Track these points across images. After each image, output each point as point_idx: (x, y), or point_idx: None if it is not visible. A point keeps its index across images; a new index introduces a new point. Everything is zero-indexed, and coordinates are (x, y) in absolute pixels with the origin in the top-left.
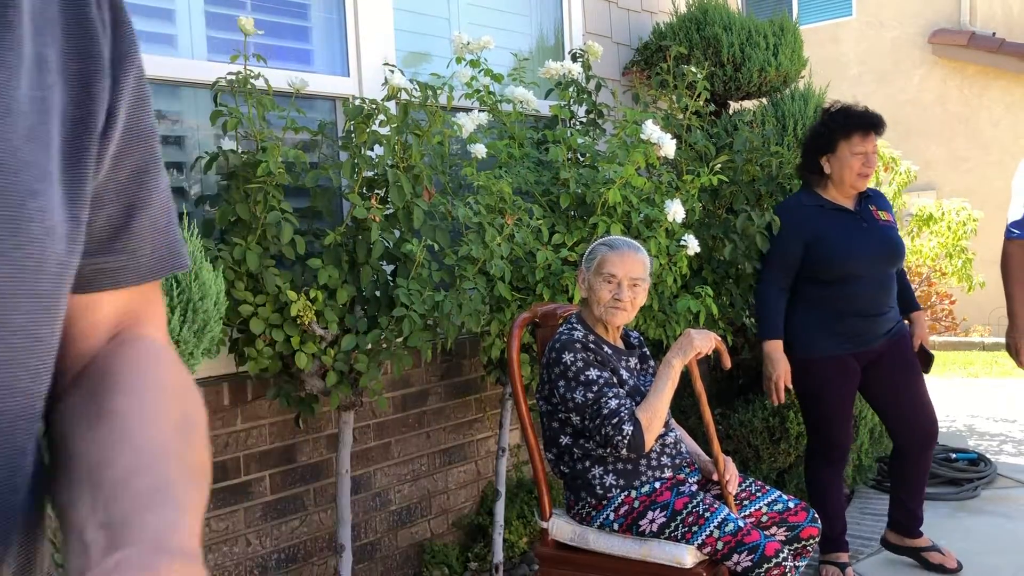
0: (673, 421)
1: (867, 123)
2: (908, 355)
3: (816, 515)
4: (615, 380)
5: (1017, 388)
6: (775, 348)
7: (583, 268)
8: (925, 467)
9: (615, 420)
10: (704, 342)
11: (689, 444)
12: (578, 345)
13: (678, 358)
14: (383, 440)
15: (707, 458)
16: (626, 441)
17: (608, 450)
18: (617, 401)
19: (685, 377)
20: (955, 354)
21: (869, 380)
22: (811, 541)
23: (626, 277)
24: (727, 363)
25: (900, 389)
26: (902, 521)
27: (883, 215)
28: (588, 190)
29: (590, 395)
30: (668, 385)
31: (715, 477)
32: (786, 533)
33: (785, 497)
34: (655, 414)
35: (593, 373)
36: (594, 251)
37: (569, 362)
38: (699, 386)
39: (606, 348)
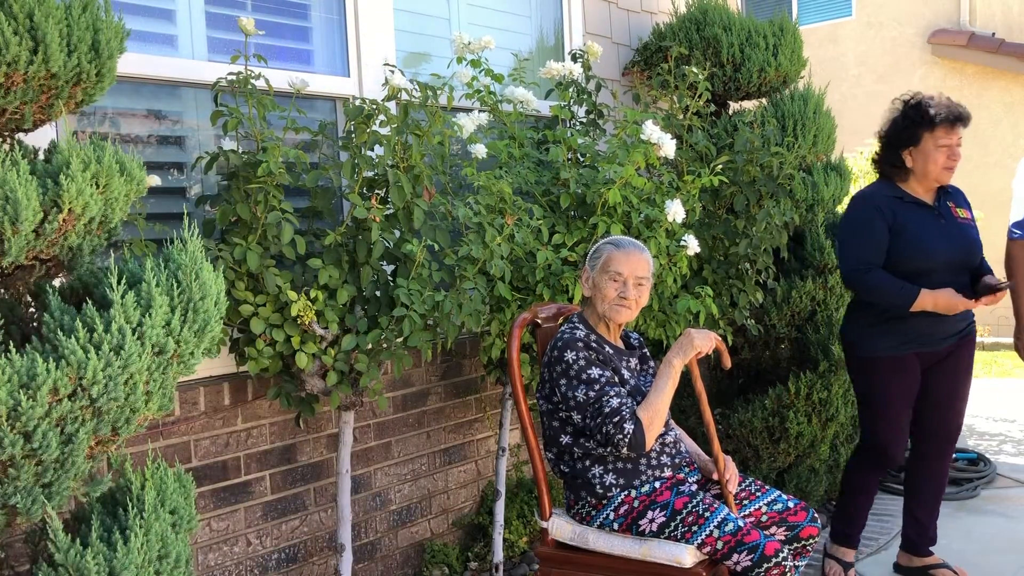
0: (672, 421)
1: (953, 116)
2: (970, 360)
3: (816, 515)
4: (616, 379)
5: (1017, 388)
6: (927, 294)
7: (587, 267)
8: (942, 474)
9: (616, 419)
10: (704, 342)
11: (688, 444)
12: (580, 344)
13: (678, 358)
14: (383, 440)
15: (707, 457)
16: (627, 440)
17: (609, 449)
18: (619, 400)
19: (685, 377)
20: None
21: (926, 380)
22: (810, 541)
23: (632, 275)
24: (727, 363)
25: (951, 394)
26: (913, 538)
27: (961, 212)
28: (588, 190)
29: (592, 393)
30: (669, 384)
31: (715, 476)
32: (786, 533)
33: (785, 497)
34: (656, 413)
35: (595, 372)
36: (599, 250)
37: (571, 360)
38: (699, 386)
39: (608, 348)
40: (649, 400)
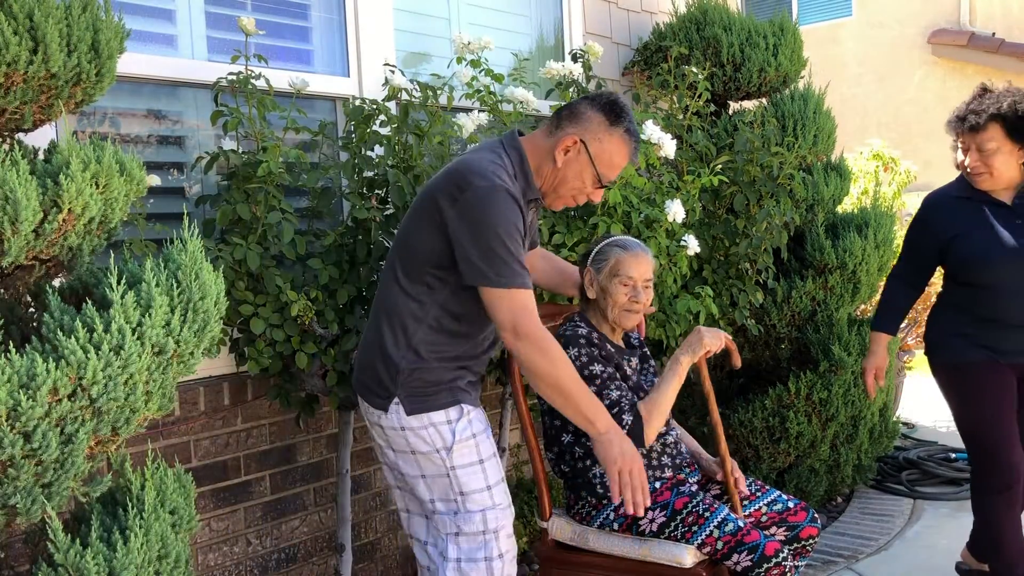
0: (673, 421)
1: (957, 119)
2: None
3: (816, 515)
4: (618, 376)
5: None
6: (874, 339)
7: (590, 269)
8: None
9: (615, 411)
10: (714, 340)
11: (689, 443)
12: (582, 341)
13: (687, 355)
14: None
15: (709, 457)
16: (624, 431)
17: None
18: (618, 393)
19: (684, 381)
20: None
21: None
22: (810, 541)
23: (641, 278)
24: (737, 362)
25: None
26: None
27: None
28: None
29: (592, 388)
30: (674, 381)
31: (719, 477)
32: (786, 533)
33: (785, 497)
34: (656, 407)
35: (597, 368)
36: (604, 252)
37: (573, 357)
38: (708, 385)
39: (609, 346)
40: (651, 395)
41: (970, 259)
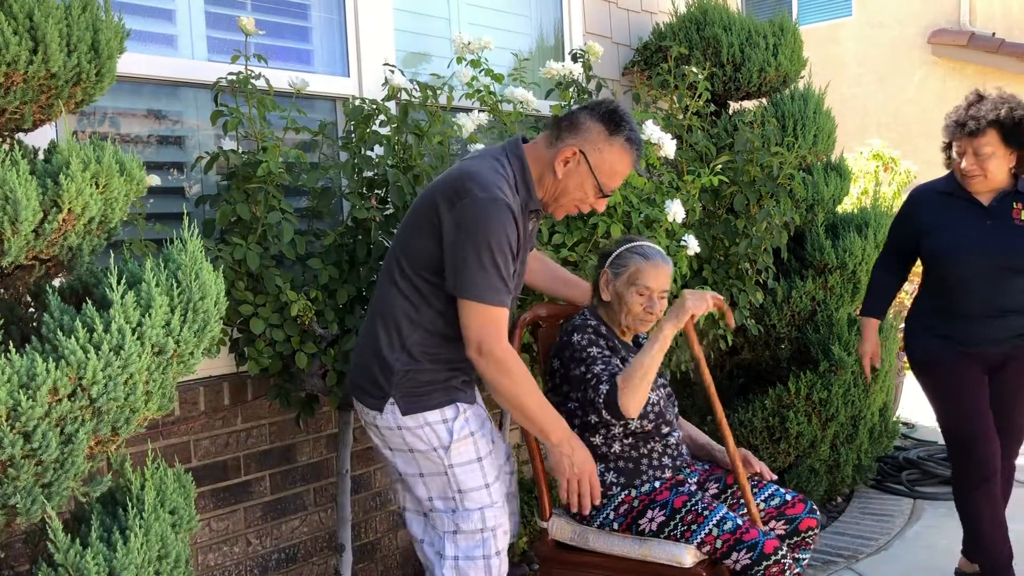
0: (678, 421)
1: (956, 123)
2: None
3: (814, 506)
4: (612, 354)
5: None
6: (864, 325)
7: (607, 272)
8: (1009, 471)
9: (593, 382)
10: (698, 303)
11: (699, 437)
12: (589, 330)
13: (671, 323)
14: None
15: (721, 448)
16: (601, 400)
17: (601, 418)
18: (601, 367)
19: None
20: None
21: (990, 382)
22: (810, 533)
23: (658, 289)
24: (731, 322)
25: (1009, 405)
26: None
27: None
28: None
29: (583, 368)
30: (655, 348)
31: (745, 469)
32: (785, 527)
33: (782, 491)
34: (633, 374)
35: (594, 351)
36: (625, 258)
37: (576, 342)
38: (697, 350)
39: (616, 341)
40: (629, 364)
41: (941, 251)
